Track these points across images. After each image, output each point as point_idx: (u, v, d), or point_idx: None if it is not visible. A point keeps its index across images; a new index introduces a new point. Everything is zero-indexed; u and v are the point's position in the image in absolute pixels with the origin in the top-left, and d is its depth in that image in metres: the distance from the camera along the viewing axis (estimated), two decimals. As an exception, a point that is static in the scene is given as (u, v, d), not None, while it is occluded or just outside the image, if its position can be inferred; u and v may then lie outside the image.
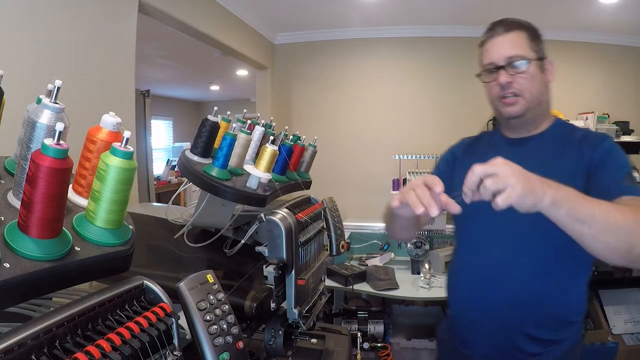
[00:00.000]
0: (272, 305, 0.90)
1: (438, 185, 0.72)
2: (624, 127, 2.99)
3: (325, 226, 1.15)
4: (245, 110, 1.14)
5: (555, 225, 0.95)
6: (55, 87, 0.56)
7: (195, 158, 0.95)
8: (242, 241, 1.01)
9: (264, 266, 0.88)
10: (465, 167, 0.75)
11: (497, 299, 0.99)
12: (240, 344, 0.71)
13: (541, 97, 1.02)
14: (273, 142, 0.98)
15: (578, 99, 3.21)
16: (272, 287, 0.88)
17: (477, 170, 0.69)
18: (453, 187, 0.83)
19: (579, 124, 2.94)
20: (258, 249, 0.92)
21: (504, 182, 0.66)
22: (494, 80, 1.02)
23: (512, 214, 1.01)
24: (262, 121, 1.14)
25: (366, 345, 2.26)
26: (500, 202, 0.66)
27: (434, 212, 0.71)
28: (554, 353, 0.98)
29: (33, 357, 0.45)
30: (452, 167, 1.17)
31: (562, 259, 0.97)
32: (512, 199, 0.66)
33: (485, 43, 1.05)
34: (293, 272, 0.90)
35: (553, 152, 1.01)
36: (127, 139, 0.54)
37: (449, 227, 2.69)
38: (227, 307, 0.73)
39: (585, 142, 0.98)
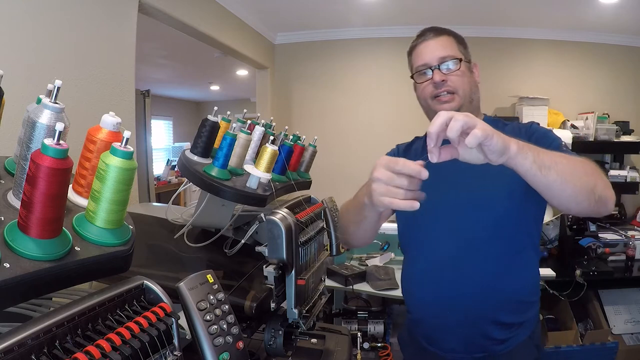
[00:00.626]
0: (272, 305, 0.90)
1: (412, 164, 0.69)
2: (624, 127, 2.99)
3: (325, 226, 1.15)
4: (245, 110, 1.14)
5: (498, 211, 1.00)
6: (55, 87, 0.56)
7: (195, 158, 0.95)
8: (242, 241, 1.01)
9: (264, 266, 0.88)
10: None
11: (460, 295, 1.01)
12: (240, 344, 0.71)
13: (472, 95, 1.10)
14: (273, 142, 0.98)
15: (578, 99, 3.21)
16: (272, 287, 0.87)
17: (443, 113, 0.66)
18: None
19: (579, 124, 2.94)
20: (258, 249, 0.92)
21: (473, 120, 0.65)
22: (427, 80, 1.09)
23: (457, 209, 1.05)
24: (262, 121, 1.14)
25: (366, 345, 2.26)
26: (479, 132, 0.63)
27: (423, 194, 0.70)
28: (519, 338, 1.02)
29: (33, 357, 0.45)
30: None
31: (511, 244, 1.01)
32: (487, 131, 0.64)
33: (416, 47, 1.13)
34: (293, 272, 0.90)
35: None
36: (127, 139, 0.54)
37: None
38: (227, 307, 0.73)
39: (520, 133, 1.01)
